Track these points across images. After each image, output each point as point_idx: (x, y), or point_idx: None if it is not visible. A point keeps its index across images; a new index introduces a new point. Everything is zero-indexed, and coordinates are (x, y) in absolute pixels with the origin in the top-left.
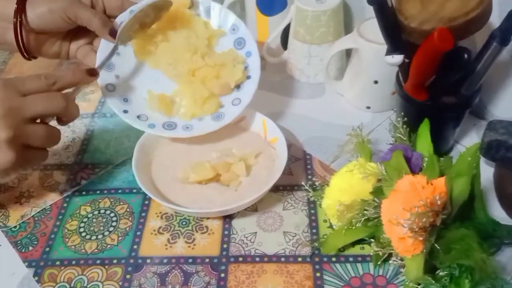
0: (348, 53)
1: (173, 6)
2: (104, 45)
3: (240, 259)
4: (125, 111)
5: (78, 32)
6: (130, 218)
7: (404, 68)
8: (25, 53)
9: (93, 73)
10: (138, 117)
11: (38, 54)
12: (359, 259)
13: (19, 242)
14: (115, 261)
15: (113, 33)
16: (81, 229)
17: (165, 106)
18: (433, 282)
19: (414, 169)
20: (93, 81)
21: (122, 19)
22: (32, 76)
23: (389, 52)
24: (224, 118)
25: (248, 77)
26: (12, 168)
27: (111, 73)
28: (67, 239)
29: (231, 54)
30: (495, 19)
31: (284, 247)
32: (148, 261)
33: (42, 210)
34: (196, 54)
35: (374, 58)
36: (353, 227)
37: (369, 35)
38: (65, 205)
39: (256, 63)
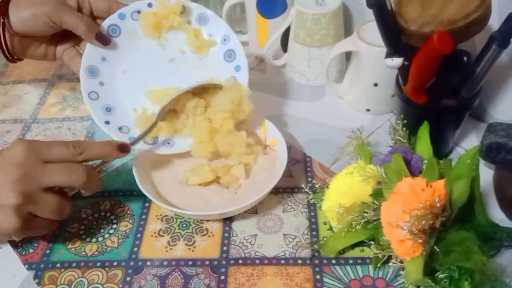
0: (348, 55)
1: (164, 11)
2: (89, 49)
3: (240, 261)
4: (107, 122)
5: (64, 34)
6: (130, 221)
7: (403, 71)
8: (9, 56)
9: (124, 149)
10: (120, 128)
11: (23, 57)
12: (359, 261)
13: (19, 244)
14: (115, 263)
15: (99, 37)
16: (82, 232)
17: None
18: (433, 284)
19: (413, 172)
20: (121, 157)
21: (109, 22)
22: (60, 143)
23: (389, 55)
24: None
25: None
26: (14, 234)
27: (95, 79)
28: (67, 242)
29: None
30: (495, 22)
31: (284, 249)
32: (148, 263)
33: None
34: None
35: (374, 61)
36: (353, 230)
37: (369, 38)
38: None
39: (244, 78)
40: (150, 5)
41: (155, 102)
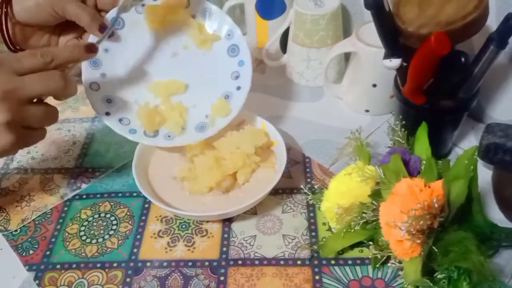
0: (346, 56)
1: (168, 4)
2: (93, 40)
3: (240, 262)
4: (107, 113)
5: (67, 25)
6: (130, 222)
7: (402, 72)
8: (11, 45)
9: (92, 49)
10: (120, 120)
11: (25, 47)
12: (358, 262)
13: (19, 246)
14: (115, 264)
15: (102, 29)
16: (82, 233)
17: (151, 122)
18: (431, 284)
19: (412, 172)
20: (91, 57)
21: (113, 14)
22: (28, 54)
23: (387, 56)
24: (207, 129)
25: (238, 88)
26: (11, 149)
27: (97, 71)
28: (67, 243)
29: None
30: (492, 23)
31: (284, 250)
32: (148, 264)
33: (42, 214)
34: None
35: (373, 62)
36: (352, 230)
37: (367, 39)
38: (65, 208)
39: (248, 73)
40: None
41: (157, 95)
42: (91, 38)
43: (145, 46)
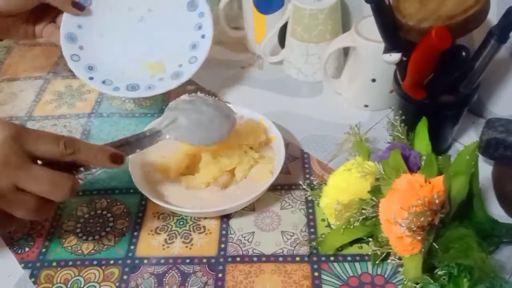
0: (346, 51)
1: None
2: (65, 18)
3: (238, 259)
4: (91, 78)
5: (40, 12)
6: (127, 219)
7: (402, 67)
8: None
9: (117, 161)
10: (103, 82)
11: (3, 37)
12: (357, 258)
13: (15, 243)
14: (112, 261)
15: (75, 5)
16: (78, 230)
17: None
18: (432, 281)
19: (412, 168)
20: (114, 168)
21: None
22: (51, 137)
23: (387, 50)
24: (183, 76)
25: (203, 36)
26: None
27: (75, 44)
28: (63, 240)
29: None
30: (493, 17)
31: (282, 246)
32: (145, 261)
33: None
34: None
35: (372, 57)
36: (351, 226)
37: (367, 33)
38: (61, 205)
39: (208, 22)
40: None
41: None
42: (65, 17)
43: (113, 16)
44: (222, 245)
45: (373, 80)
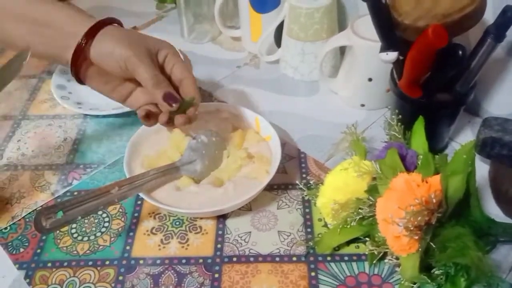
0: (342, 50)
1: None
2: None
3: (234, 259)
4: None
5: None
6: (122, 219)
7: (398, 65)
8: (76, 76)
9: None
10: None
11: (87, 83)
12: (354, 258)
13: (9, 243)
14: (107, 262)
15: (168, 98)
16: (73, 230)
17: None
18: (429, 281)
19: (409, 167)
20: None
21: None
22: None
23: (383, 49)
24: None
25: None
26: None
27: (65, 91)
28: (58, 241)
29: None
30: (490, 16)
31: (279, 246)
32: (141, 262)
33: (33, 211)
34: None
35: (368, 56)
36: (348, 226)
37: (363, 32)
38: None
39: None
40: None
41: None
42: (53, 80)
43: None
44: (219, 245)
45: (370, 79)
